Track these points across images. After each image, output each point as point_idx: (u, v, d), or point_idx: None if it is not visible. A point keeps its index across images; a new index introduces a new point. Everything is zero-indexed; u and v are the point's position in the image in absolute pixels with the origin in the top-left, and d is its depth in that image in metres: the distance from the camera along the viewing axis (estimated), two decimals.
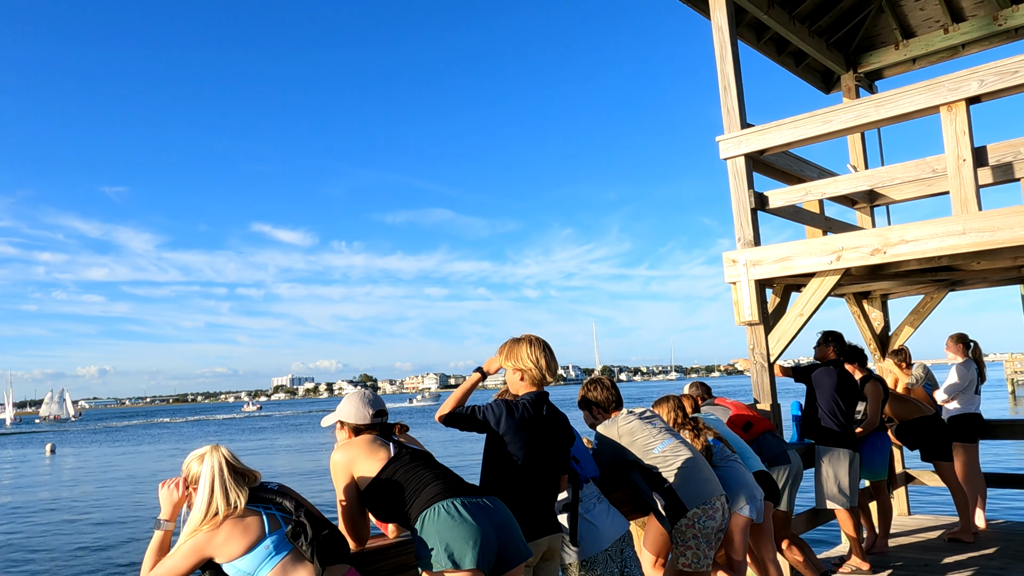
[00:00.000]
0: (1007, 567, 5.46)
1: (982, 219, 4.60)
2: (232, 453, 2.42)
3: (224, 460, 2.34)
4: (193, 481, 2.36)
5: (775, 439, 4.97)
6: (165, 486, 2.40)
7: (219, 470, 2.31)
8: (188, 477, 2.37)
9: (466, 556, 2.40)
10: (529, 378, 3.10)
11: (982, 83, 4.68)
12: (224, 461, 2.34)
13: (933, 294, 7.44)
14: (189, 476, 2.37)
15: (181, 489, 2.37)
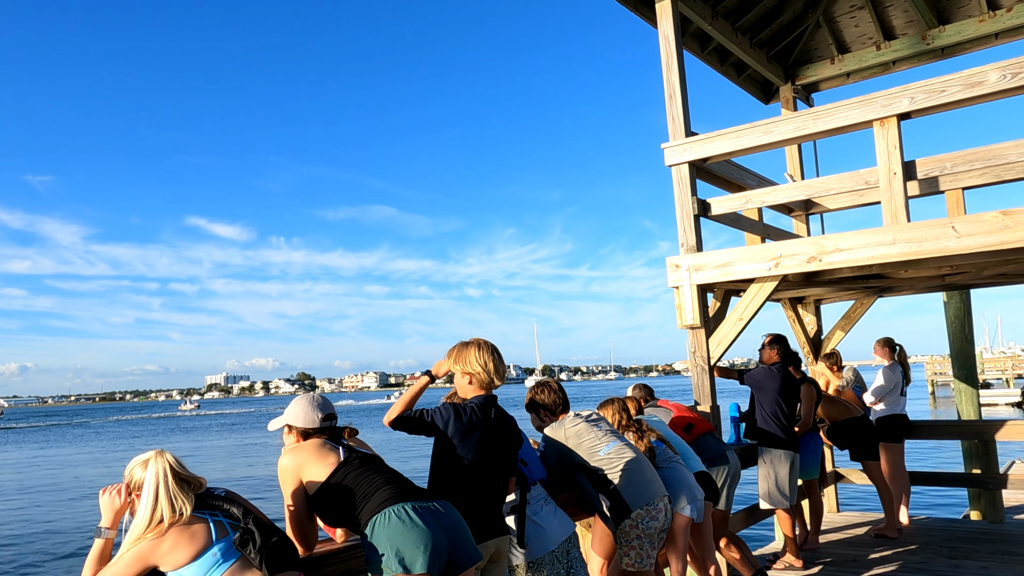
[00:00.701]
0: (929, 560, 5.74)
1: (910, 230, 4.82)
2: (177, 459, 2.36)
3: (169, 466, 2.29)
4: (136, 487, 2.29)
5: (715, 440, 5.11)
6: (106, 493, 2.33)
7: (164, 476, 2.26)
8: (131, 483, 2.31)
9: (417, 561, 2.40)
10: (477, 382, 3.13)
11: (912, 100, 4.91)
12: (169, 467, 2.29)
13: (863, 300, 7.75)
14: (132, 482, 2.31)
15: (123, 496, 2.31)
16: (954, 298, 8.54)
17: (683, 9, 6.16)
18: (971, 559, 5.73)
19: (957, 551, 5.98)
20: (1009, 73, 4.60)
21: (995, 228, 4.56)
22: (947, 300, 8.62)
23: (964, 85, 4.74)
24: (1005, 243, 4.53)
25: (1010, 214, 4.52)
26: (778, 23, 7.56)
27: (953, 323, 8.60)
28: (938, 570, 5.49)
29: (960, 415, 8.77)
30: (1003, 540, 6.26)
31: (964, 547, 6.09)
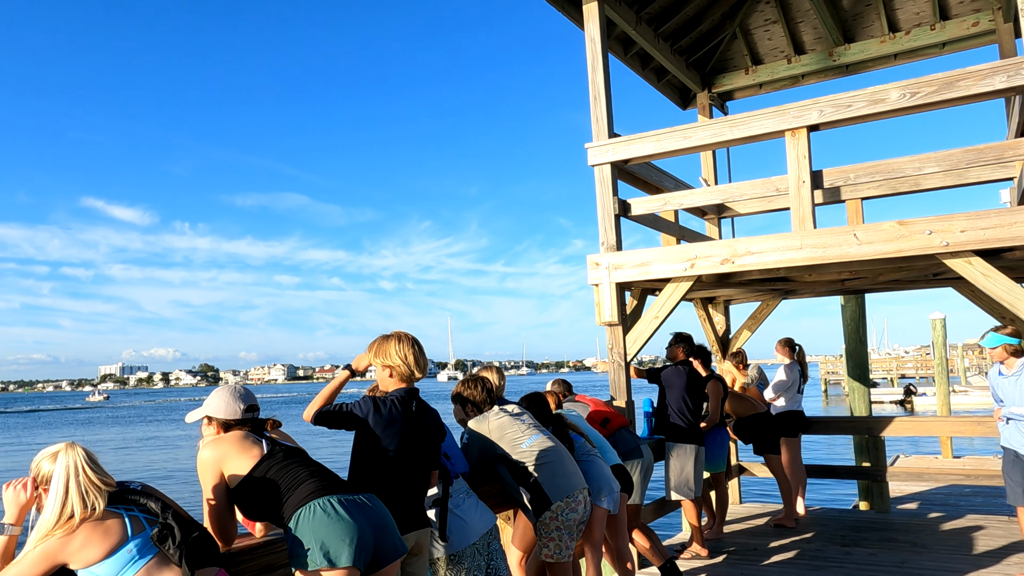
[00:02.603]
0: (822, 548, 6.09)
1: (816, 236, 5.10)
2: (89, 451, 2.26)
3: (81, 459, 2.18)
4: (44, 482, 2.17)
5: (630, 434, 5.26)
6: (10, 487, 2.19)
7: (75, 470, 2.15)
8: (38, 477, 2.19)
9: (342, 554, 2.38)
10: (398, 375, 3.12)
11: (821, 113, 5.18)
12: (81, 460, 2.18)
13: (769, 301, 8.12)
14: (39, 476, 2.18)
15: (29, 490, 2.18)
16: (850, 302, 9.06)
17: (609, 12, 6.29)
18: (860, 546, 6.11)
19: (848, 539, 6.37)
20: (908, 92, 4.92)
21: (892, 237, 4.87)
22: (844, 303, 9.14)
23: (868, 101, 5.04)
24: (900, 251, 4.85)
25: (905, 224, 4.84)
26: (697, 32, 7.81)
27: (849, 325, 9.13)
28: (830, 557, 5.83)
29: (852, 412, 9.32)
30: (889, 528, 6.70)
31: (854, 535, 6.49)
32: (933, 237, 4.75)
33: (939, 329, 17.34)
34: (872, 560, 5.69)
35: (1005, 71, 4.63)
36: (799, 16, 7.93)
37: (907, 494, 9.83)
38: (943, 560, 5.63)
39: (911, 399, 40.57)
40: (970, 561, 5.56)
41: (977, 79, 4.74)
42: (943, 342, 17.27)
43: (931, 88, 4.87)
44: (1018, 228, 4.52)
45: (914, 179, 7.03)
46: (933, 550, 5.92)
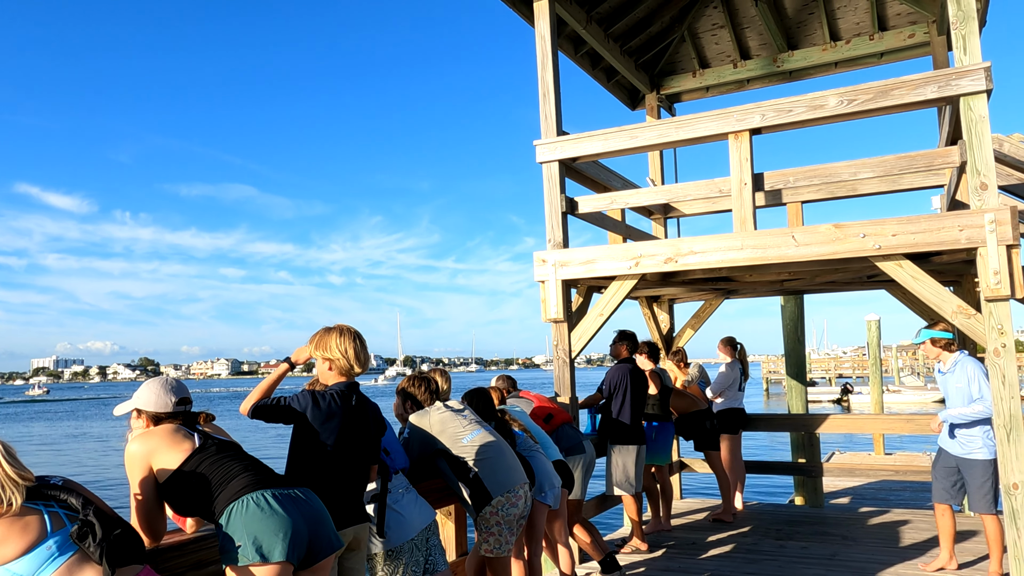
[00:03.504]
0: (758, 542, 6.24)
1: (757, 237, 5.21)
2: (6, 444, 2.16)
3: None
4: None
5: (572, 430, 5.30)
6: None
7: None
8: None
9: (275, 549, 2.34)
10: (337, 368, 3.08)
11: (763, 117, 5.30)
12: None
13: (712, 301, 8.28)
14: None
15: None
16: (790, 302, 9.30)
17: (559, 11, 6.32)
18: (794, 540, 6.29)
19: (782, 533, 6.54)
20: (846, 99, 5.07)
21: (828, 239, 5.02)
22: (784, 304, 9.38)
23: (808, 107, 5.17)
24: (836, 253, 4.99)
25: (841, 227, 4.99)
26: (647, 33, 7.90)
27: (788, 325, 9.37)
28: (765, 550, 5.98)
29: (790, 409, 9.58)
30: (822, 522, 6.91)
31: (788, 529, 6.67)
32: (867, 240, 4.90)
33: (874, 330, 17.94)
34: (804, 553, 5.86)
35: (937, 82, 4.81)
36: (745, 22, 8.09)
37: (840, 489, 10.16)
38: (871, 552, 5.83)
39: (847, 398, 41.90)
40: (896, 553, 5.77)
41: (910, 88, 4.91)
42: (878, 343, 17.87)
43: (867, 96, 5.02)
44: (945, 233, 4.70)
45: (851, 184, 7.25)
46: (862, 543, 6.12)
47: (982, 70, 4.66)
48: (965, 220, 4.64)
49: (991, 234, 4.56)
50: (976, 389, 4.84)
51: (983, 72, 4.66)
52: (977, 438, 4.92)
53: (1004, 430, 4.52)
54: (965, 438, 4.98)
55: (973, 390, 4.86)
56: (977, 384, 4.85)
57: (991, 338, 4.58)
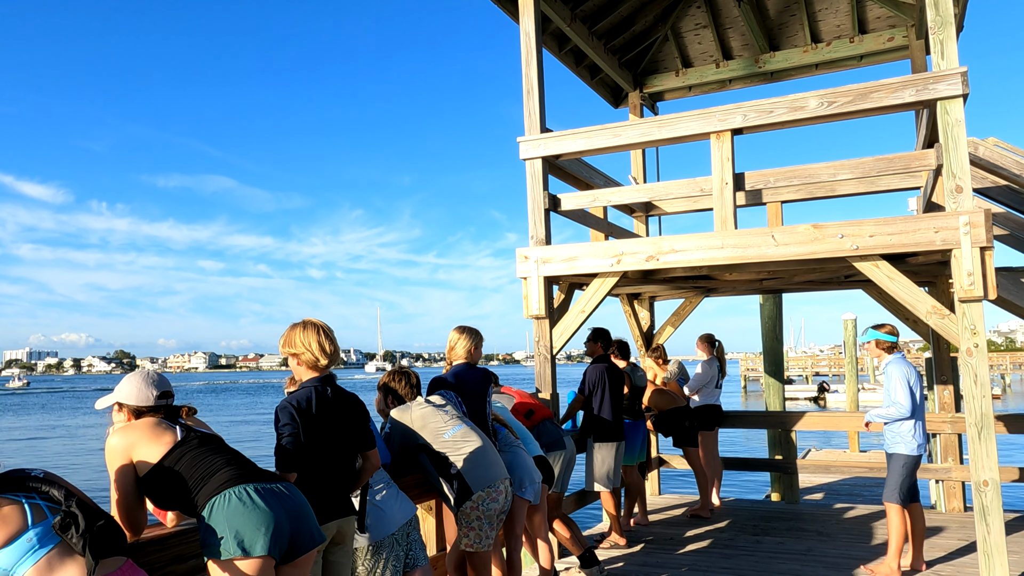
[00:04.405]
0: (735, 537, 6.32)
1: (737, 236, 5.27)
2: None
3: None
4: None
5: (553, 426, 5.33)
6: None
7: None
8: None
9: (257, 543, 2.34)
10: (305, 363, 3.06)
11: (745, 117, 5.35)
12: None
13: (692, 299, 8.35)
14: None
15: None
16: (769, 301, 9.40)
17: (544, 8, 6.33)
18: (770, 535, 6.37)
19: (759, 528, 6.63)
20: (826, 101, 5.14)
21: (807, 239, 5.08)
22: (763, 302, 9.47)
23: (789, 108, 5.24)
24: (814, 253, 5.06)
25: (820, 228, 5.06)
26: (631, 32, 7.94)
27: (766, 323, 9.46)
28: (741, 546, 6.06)
29: (767, 407, 9.69)
30: (797, 518, 7.01)
31: (765, 525, 6.77)
32: (844, 240, 4.98)
33: (850, 329, 18.17)
34: (780, 548, 5.95)
35: (915, 85, 4.89)
36: (728, 23, 8.16)
37: (815, 485, 10.30)
38: (844, 547, 5.93)
39: (824, 396, 42.40)
40: (869, 548, 5.88)
41: (889, 92, 4.98)
42: (854, 342, 18.11)
43: (847, 98, 5.09)
44: (921, 235, 4.78)
45: (829, 185, 7.34)
46: (836, 538, 6.23)
47: (959, 75, 4.74)
48: (940, 222, 4.72)
49: (965, 236, 4.65)
50: (893, 393, 5.14)
51: (960, 77, 4.74)
52: (897, 434, 5.19)
53: (975, 428, 4.61)
54: (889, 434, 5.25)
55: (892, 393, 5.16)
56: (895, 388, 5.14)
57: (964, 338, 4.67)
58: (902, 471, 5.15)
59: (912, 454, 5.13)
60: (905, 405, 5.08)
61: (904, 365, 5.19)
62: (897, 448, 5.18)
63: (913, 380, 5.16)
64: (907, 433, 5.14)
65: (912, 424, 5.14)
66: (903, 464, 5.15)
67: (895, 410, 5.13)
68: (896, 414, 5.13)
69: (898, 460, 5.16)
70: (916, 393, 5.15)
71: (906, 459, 5.14)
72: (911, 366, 5.25)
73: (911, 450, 5.13)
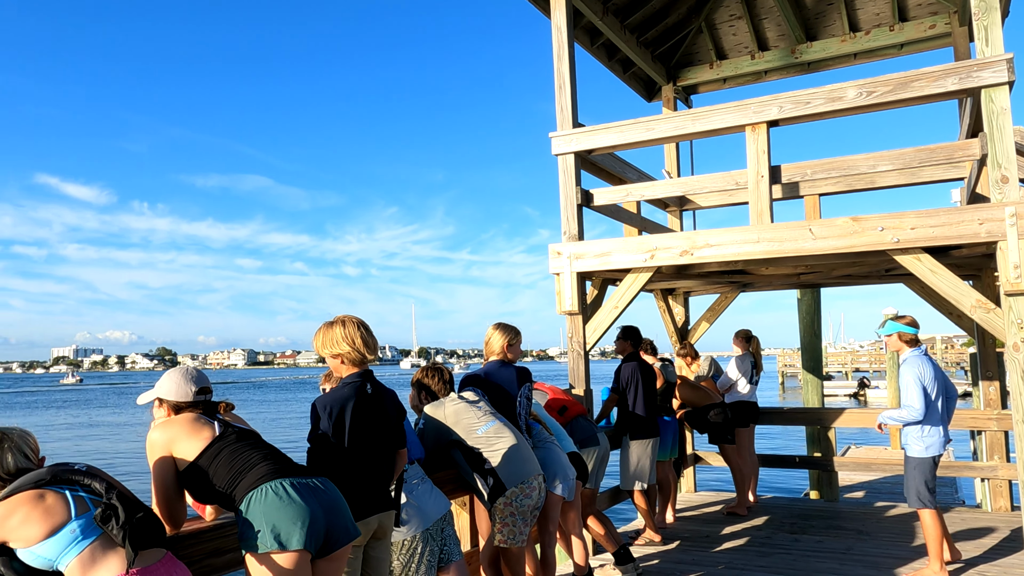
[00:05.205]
0: (772, 536, 6.23)
1: (773, 230, 5.19)
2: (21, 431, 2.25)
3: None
4: None
5: (587, 422, 5.31)
6: None
7: None
8: None
9: (293, 537, 2.37)
10: (349, 360, 3.08)
11: (781, 109, 5.26)
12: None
13: (727, 294, 8.25)
14: None
15: None
16: (806, 296, 9.25)
17: (576, 2, 6.29)
18: (808, 533, 6.27)
19: (796, 527, 6.53)
20: (865, 91, 5.03)
21: (846, 232, 4.98)
22: (800, 297, 9.33)
23: (826, 99, 5.13)
24: (853, 247, 4.96)
25: (859, 220, 4.95)
26: (664, 24, 7.86)
27: (804, 319, 9.32)
28: (778, 544, 5.97)
29: (805, 403, 9.53)
30: (836, 516, 6.89)
31: (802, 523, 6.66)
32: (885, 233, 4.87)
33: None
34: (819, 547, 5.85)
35: (957, 73, 4.75)
36: (763, 13, 8.03)
37: (855, 483, 10.12)
38: (886, 547, 5.80)
39: (864, 392, 41.61)
40: (911, 549, 5.75)
41: (931, 80, 4.86)
42: None
43: (887, 88, 4.97)
44: (965, 227, 4.65)
45: (869, 177, 7.19)
46: (877, 537, 6.10)
47: (1004, 61, 4.60)
48: (985, 213, 4.59)
49: (1012, 228, 4.51)
50: (906, 395, 4.95)
51: (1005, 63, 4.60)
52: (911, 435, 5.03)
53: (1023, 425, 4.48)
54: (905, 436, 5.09)
55: (904, 395, 4.97)
56: (908, 389, 4.94)
57: (1011, 333, 4.54)
58: (916, 473, 4.97)
59: (924, 456, 4.95)
60: (917, 408, 4.87)
61: (920, 363, 4.98)
62: (911, 450, 5.02)
63: (928, 379, 4.94)
64: (921, 434, 4.96)
65: (926, 425, 4.96)
66: (915, 467, 4.98)
67: (907, 413, 4.92)
68: (908, 417, 4.92)
69: (911, 463, 5.00)
70: (932, 393, 4.94)
71: (919, 461, 4.96)
72: (930, 363, 5.03)
73: (924, 452, 4.95)
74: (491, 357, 4.40)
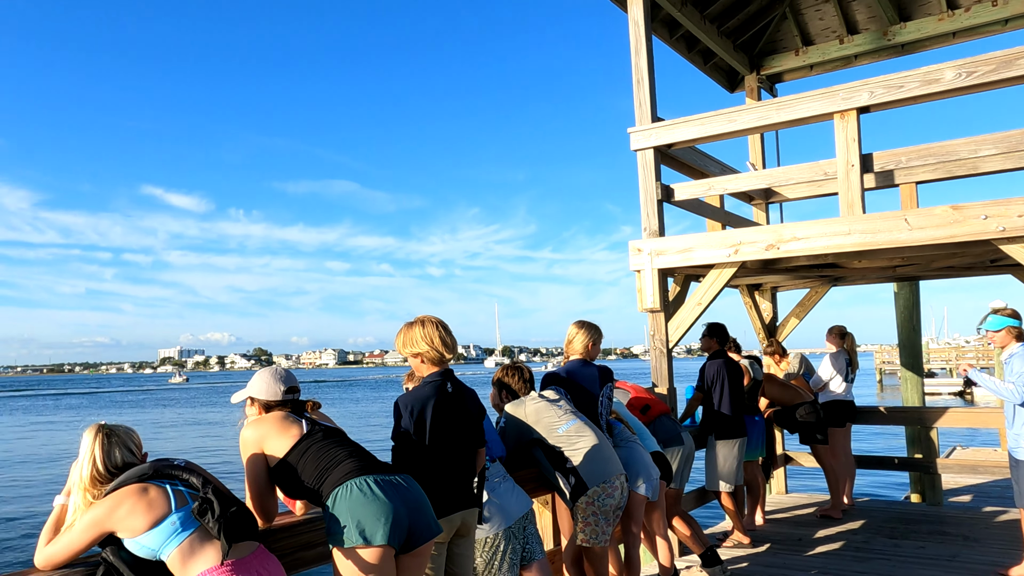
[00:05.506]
0: (869, 540, 5.97)
1: (865, 221, 4.96)
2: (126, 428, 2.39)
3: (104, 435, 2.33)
4: None
5: (670, 421, 5.22)
6: (76, 464, 2.32)
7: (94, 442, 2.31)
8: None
9: (377, 532, 2.43)
10: (429, 360, 3.12)
11: (872, 94, 5.02)
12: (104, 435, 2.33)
13: (817, 288, 7.94)
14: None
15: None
16: (904, 289, 8.80)
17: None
18: (909, 539, 5.97)
19: (897, 531, 6.22)
20: (965, 72, 4.74)
21: (945, 222, 4.71)
22: (897, 291, 8.88)
23: (922, 82, 4.87)
24: (954, 236, 4.69)
25: (960, 209, 4.67)
26: (745, 12, 7.63)
27: (902, 313, 8.86)
28: (877, 549, 5.71)
29: (905, 402, 9.07)
30: (940, 521, 6.53)
31: (903, 528, 6.34)
32: (989, 222, 4.58)
33: None
34: (921, 553, 5.56)
35: None
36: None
37: (961, 486, 9.55)
38: (995, 555, 5.46)
39: (971, 390, 39.25)
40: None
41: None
42: None
43: (989, 67, 4.67)
44: None
45: (971, 162, 6.76)
46: (985, 544, 5.75)
47: None
48: None
49: None
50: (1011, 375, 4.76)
51: None
52: (1019, 437, 4.79)
53: None
54: (1013, 438, 4.83)
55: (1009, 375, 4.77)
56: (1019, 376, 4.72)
57: None
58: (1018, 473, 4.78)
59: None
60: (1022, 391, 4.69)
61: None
62: (1017, 452, 4.80)
63: None
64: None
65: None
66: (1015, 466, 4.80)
67: (1008, 389, 4.72)
68: (1007, 393, 4.73)
69: (1020, 466, 4.80)
70: None
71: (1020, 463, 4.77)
72: None
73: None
74: (573, 356, 4.39)
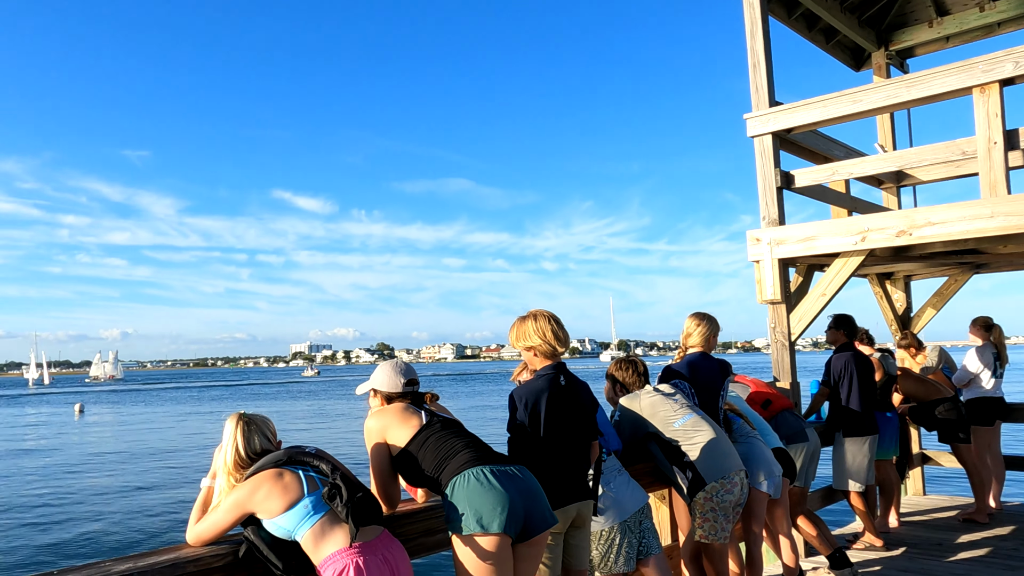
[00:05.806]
0: (1020, 548, 5.51)
1: (1011, 203, 4.58)
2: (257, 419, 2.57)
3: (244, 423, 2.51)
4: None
5: (793, 417, 5.03)
6: (219, 449, 2.53)
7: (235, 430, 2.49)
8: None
9: (494, 521, 2.49)
10: (541, 353, 3.16)
11: (1017, 65, 4.63)
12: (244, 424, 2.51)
13: (957, 276, 7.41)
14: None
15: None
16: None
17: None
18: None
19: None
20: None
21: None
22: None
23: None
24: None
25: None
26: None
27: None
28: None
29: None
30: None
31: None
32: None
33: None
34: None
35: None
36: None
37: None
38: None
39: None
40: None
41: None
42: None
43: None
44: None
45: None
46: None
47: None
48: None
49: None
50: None
51: None
52: None
53: None
54: None
55: None
56: None
57: None
58: None
59: None
60: None
61: None
62: None
63: None
64: None
65: None
66: None
67: None
68: None
69: None
70: None
71: None
72: None
73: None
74: (691, 349, 4.31)
